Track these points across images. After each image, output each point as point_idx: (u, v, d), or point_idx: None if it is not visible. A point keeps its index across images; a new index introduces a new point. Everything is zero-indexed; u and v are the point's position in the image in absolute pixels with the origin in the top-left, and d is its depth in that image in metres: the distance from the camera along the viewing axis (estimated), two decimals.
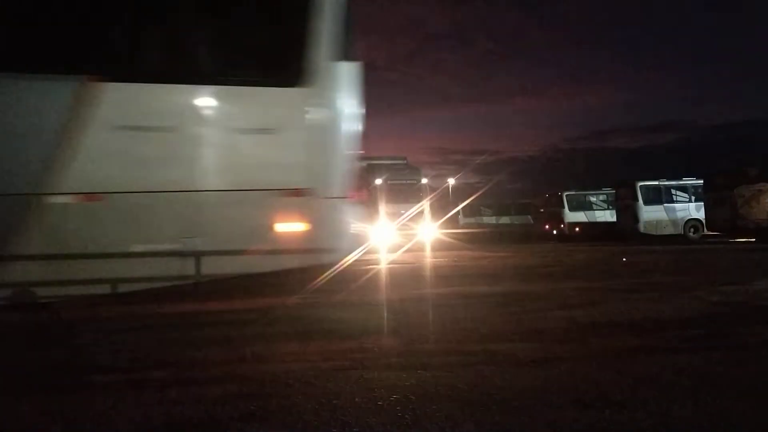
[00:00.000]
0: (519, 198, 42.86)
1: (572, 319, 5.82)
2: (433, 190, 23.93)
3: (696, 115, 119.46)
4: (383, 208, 21.48)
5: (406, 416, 3.01)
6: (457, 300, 7.66)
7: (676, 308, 6.32)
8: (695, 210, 26.26)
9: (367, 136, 6.80)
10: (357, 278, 11.17)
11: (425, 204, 22.34)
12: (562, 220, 33.45)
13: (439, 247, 21.63)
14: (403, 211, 21.63)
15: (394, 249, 20.22)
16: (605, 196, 33.19)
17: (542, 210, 36.53)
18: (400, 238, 20.97)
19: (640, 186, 27.20)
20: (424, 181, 23.46)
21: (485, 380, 3.65)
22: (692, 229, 26.57)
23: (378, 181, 22.39)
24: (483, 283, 9.90)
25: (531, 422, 2.88)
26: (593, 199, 33.83)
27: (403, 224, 21.44)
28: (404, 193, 22.75)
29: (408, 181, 23.26)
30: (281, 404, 3.30)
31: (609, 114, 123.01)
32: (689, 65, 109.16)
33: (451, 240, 24.26)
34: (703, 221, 25.08)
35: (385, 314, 6.56)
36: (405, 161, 24.99)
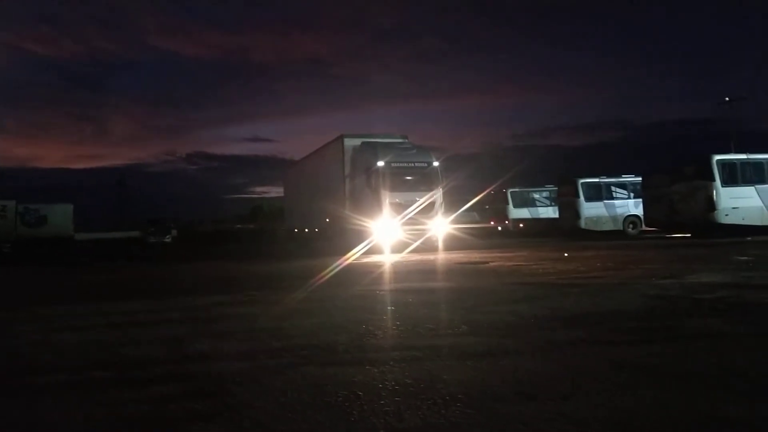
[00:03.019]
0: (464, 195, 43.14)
1: (516, 313, 5.92)
2: (445, 176, 19.34)
3: (635, 113, 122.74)
4: (386, 197, 18.40)
5: (354, 412, 3.02)
6: (404, 296, 7.71)
7: (615, 302, 6.50)
8: (634, 206, 27.00)
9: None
10: (312, 276, 11.12)
11: (438, 193, 18.87)
12: (506, 217, 34.04)
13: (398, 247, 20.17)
14: (411, 202, 18.39)
15: (400, 248, 17.85)
16: (548, 192, 33.88)
17: (487, 207, 37.05)
18: (406, 234, 18.20)
19: (581, 183, 27.82)
20: (436, 164, 19.24)
21: (431, 374, 3.69)
22: (631, 225, 27.34)
23: (380, 164, 18.67)
24: (431, 279, 10.01)
25: (476, 415, 2.93)
26: (537, 195, 34.51)
27: (411, 218, 18.26)
28: (413, 180, 19.01)
29: (416, 164, 19.21)
30: (228, 403, 3.27)
31: (553, 112, 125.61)
32: (630, 64, 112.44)
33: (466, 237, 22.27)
34: (642, 217, 25.85)
35: (333, 311, 6.56)
36: (407, 140, 21.12)
